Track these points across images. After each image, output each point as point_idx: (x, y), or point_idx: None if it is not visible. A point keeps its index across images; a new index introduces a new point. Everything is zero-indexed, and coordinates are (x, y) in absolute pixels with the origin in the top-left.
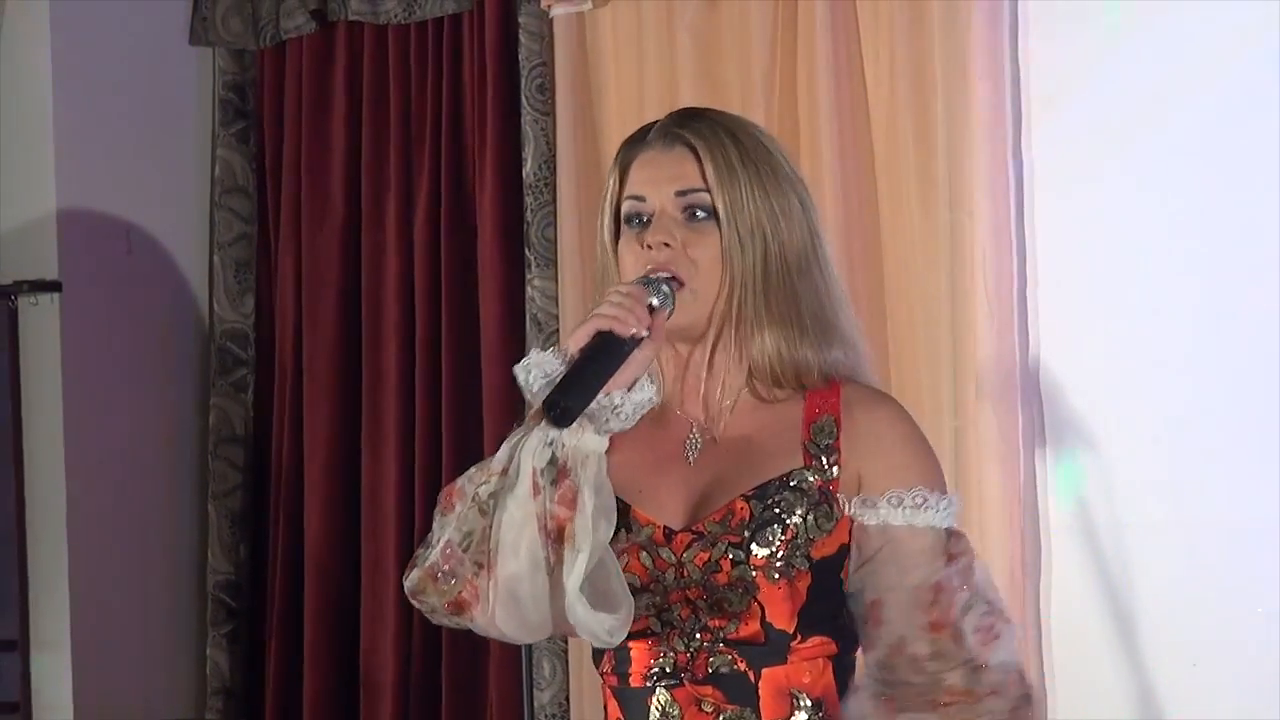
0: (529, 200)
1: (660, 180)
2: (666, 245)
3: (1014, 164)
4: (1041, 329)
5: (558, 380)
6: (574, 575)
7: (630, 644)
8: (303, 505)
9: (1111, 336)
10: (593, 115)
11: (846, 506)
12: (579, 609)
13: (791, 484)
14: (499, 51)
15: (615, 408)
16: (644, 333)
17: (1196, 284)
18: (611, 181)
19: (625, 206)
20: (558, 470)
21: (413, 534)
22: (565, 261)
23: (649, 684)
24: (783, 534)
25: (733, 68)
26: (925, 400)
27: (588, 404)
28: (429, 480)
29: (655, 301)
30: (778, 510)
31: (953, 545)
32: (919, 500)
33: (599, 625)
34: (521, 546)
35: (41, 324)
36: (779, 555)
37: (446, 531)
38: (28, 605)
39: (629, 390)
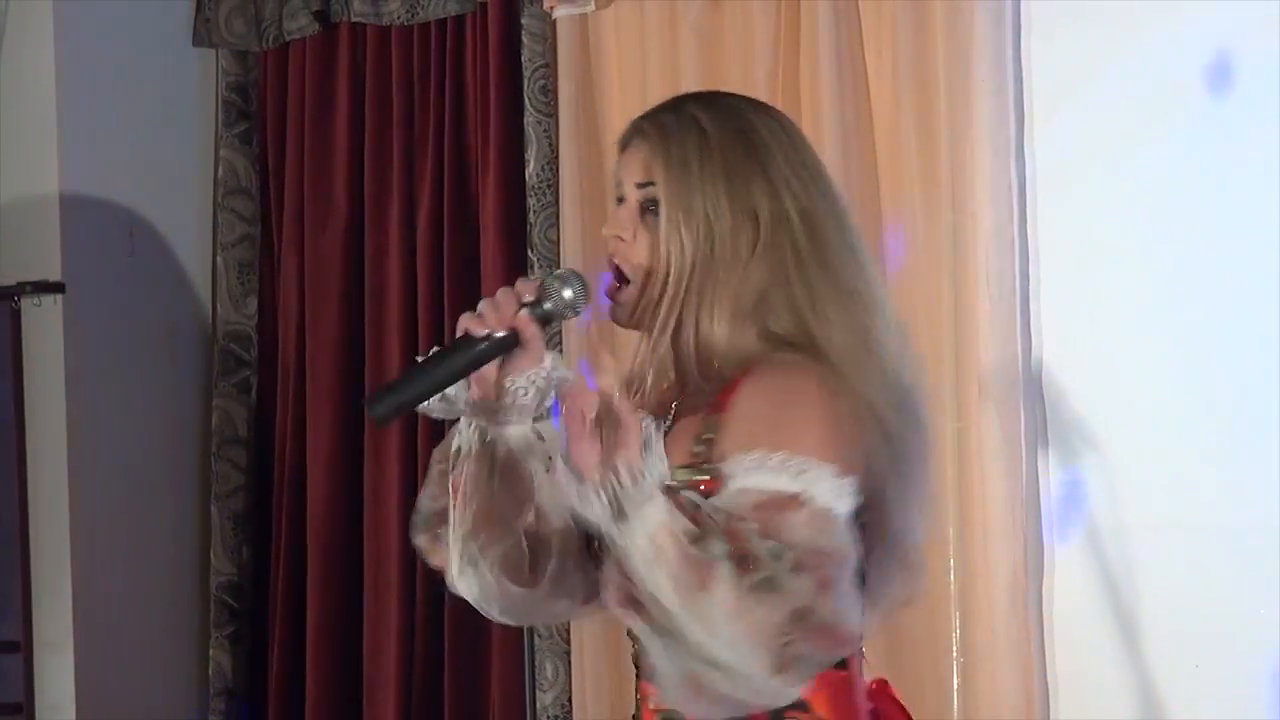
0: (531, 202)
1: (627, 173)
2: (619, 239)
3: (1016, 165)
4: (1044, 330)
5: (388, 383)
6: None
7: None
8: (305, 506)
9: (1114, 338)
10: (595, 117)
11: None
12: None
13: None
14: (502, 53)
15: (498, 407)
16: (500, 333)
17: (1198, 285)
18: (615, 163)
19: (617, 189)
20: (456, 457)
21: None
22: (567, 263)
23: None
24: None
25: (736, 69)
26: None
27: (406, 402)
28: None
29: (548, 304)
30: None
31: (785, 502)
32: (756, 461)
33: (502, 598)
34: (451, 533)
35: (44, 325)
36: None
37: (421, 499)
38: (31, 606)
39: (512, 387)
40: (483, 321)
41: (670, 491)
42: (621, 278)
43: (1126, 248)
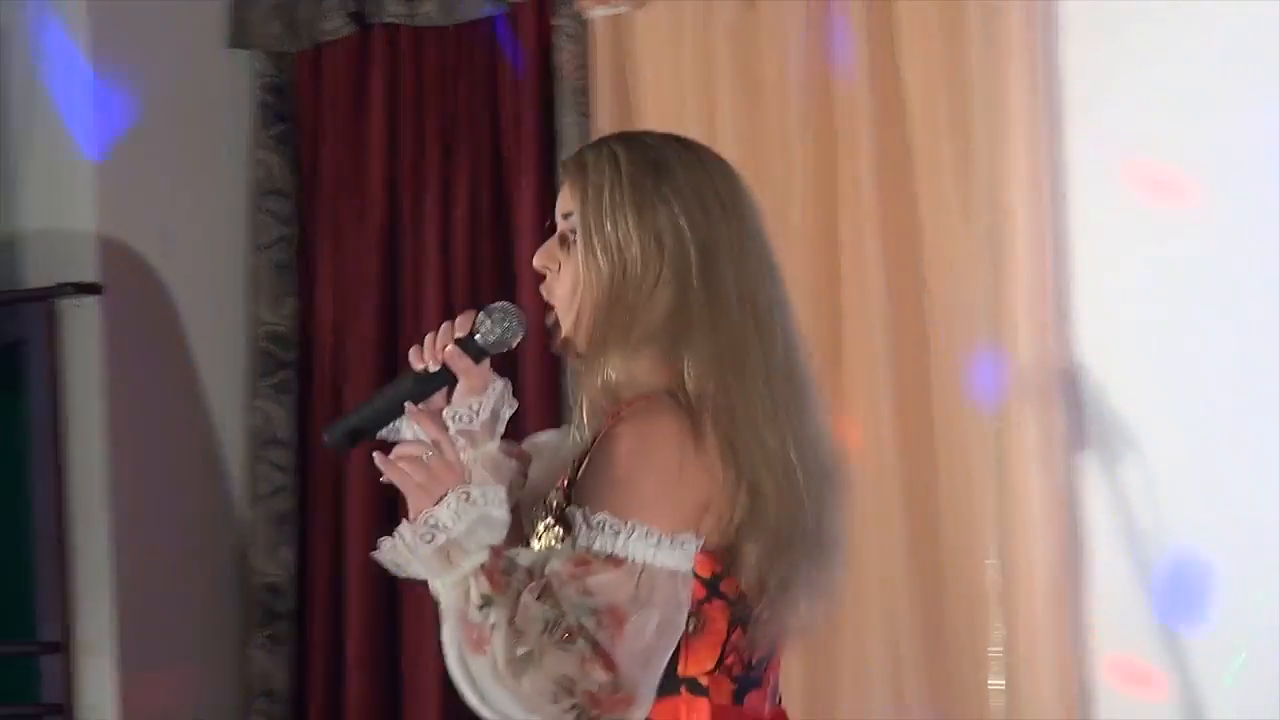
0: None
1: (558, 207)
2: (545, 268)
3: (1052, 166)
4: (1080, 331)
5: (344, 417)
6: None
7: None
8: (345, 507)
9: (1150, 338)
10: (631, 117)
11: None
12: None
13: (545, 501)
14: (536, 53)
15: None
16: (434, 366)
17: (1236, 283)
18: None
19: None
20: None
21: None
22: None
23: None
24: (534, 545)
25: (770, 69)
26: (964, 401)
27: (353, 440)
28: None
29: (480, 338)
30: (535, 525)
31: (592, 562)
32: (582, 523)
33: None
34: None
35: (82, 327)
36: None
37: None
38: (71, 608)
39: (454, 416)
40: (420, 356)
41: (492, 550)
42: (550, 310)
43: (1163, 246)
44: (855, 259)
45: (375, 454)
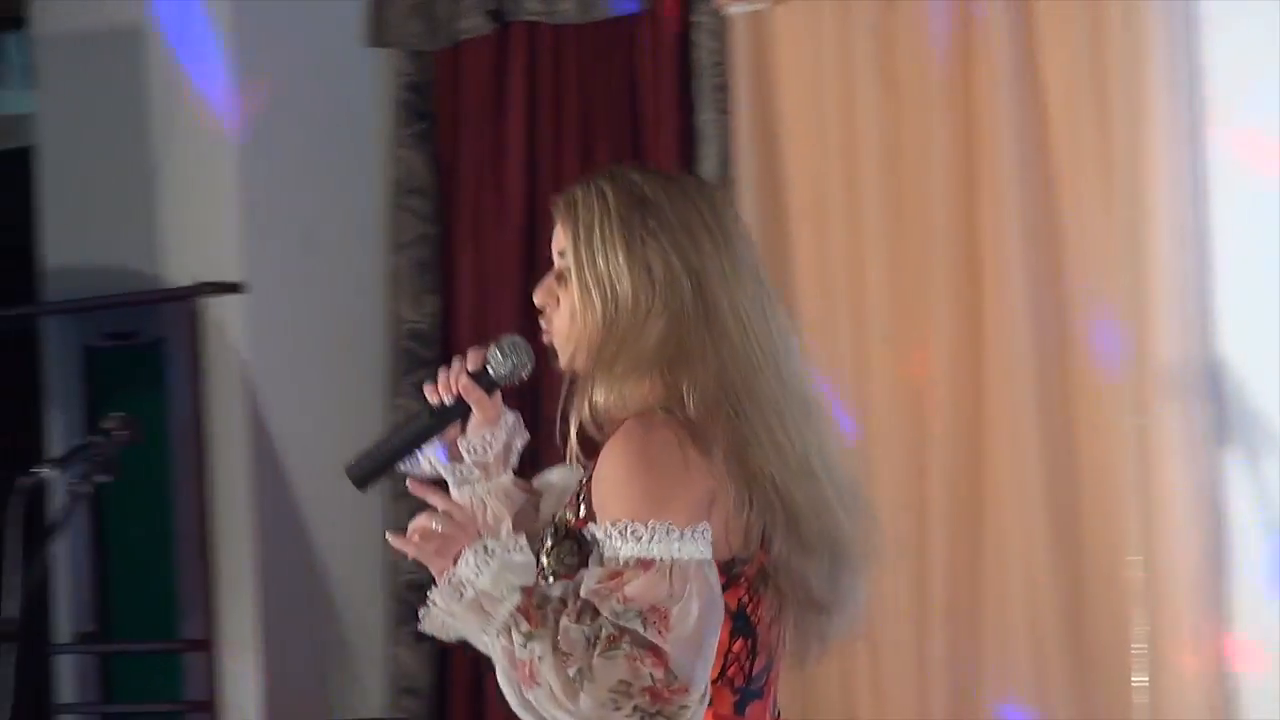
0: None
1: (554, 246)
2: (544, 304)
3: (1193, 162)
4: (1223, 327)
5: (364, 451)
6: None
7: None
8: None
9: None
10: (771, 114)
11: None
12: None
13: (554, 523)
14: (675, 50)
15: (459, 467)
16: (449, 400)
17: None
18: None
19: None
20: None
21: None
22: None
23: None
24: (539, 566)
25: (910, 67)
26: (1104, 398)
27: (376, 475)
28: None
29: (492, 371)
30: (540, 545)
31: (631, 573)
32: (605, 533)
33: None
34: None
35: (224, 326)
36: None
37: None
38: (216, 606)
39: (470, 449)
40: (435, 391)
41: (523, 591)
42: (552, 342)
43: None
44: (996, 257)
45: (390, 537)
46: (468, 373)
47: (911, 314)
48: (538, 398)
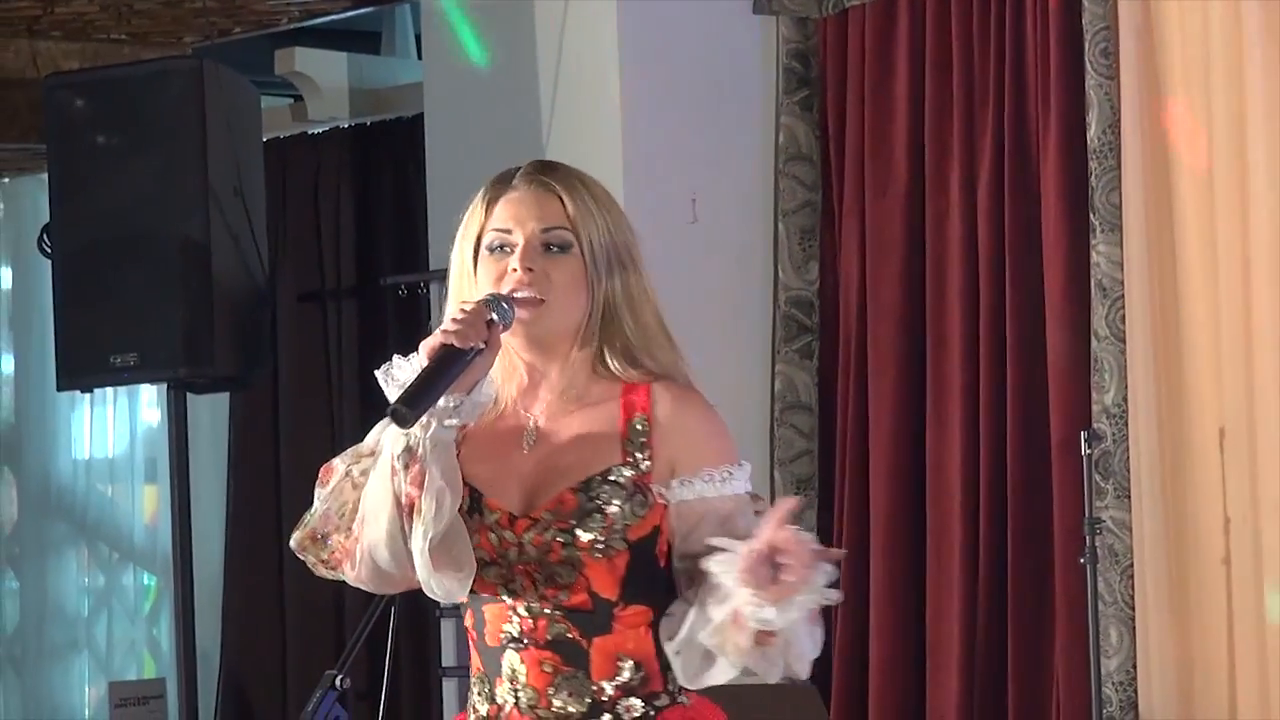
0: (1093, 165)
1: (526, 217)
2: (531, 270)
3: None
4: None
5: (405, 388)
6: (417, 541)
7: (485, 608)
8: (868, 471)
9: None
10: (1157, 79)
11: (661, 493)
12: (422, 569)
13: (610, 479)
14: (1062, 16)
15: (456, 406)
16: (481, 345)
17: None
18: (477, 213)
19: (489, 237)
20: (410, 456)
21: (978, 498)
22: (1130, 227)
23: (502, 644)
24: (603, 521)
25: None
26: None
27: (425, 410)
28: (993, 445)
29: (495, 317)
30: (599, 501)
31: (755, 503)
32: (726, 474)
33: (439, 584)
34: (382, 517)
35: None
36: (600, 539)
37: (325, 502)
38: None
39: (468, 392)
40: (465, 337)
41: None
42: (546, 306)
43: None
44: None
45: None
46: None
47: None
48: None
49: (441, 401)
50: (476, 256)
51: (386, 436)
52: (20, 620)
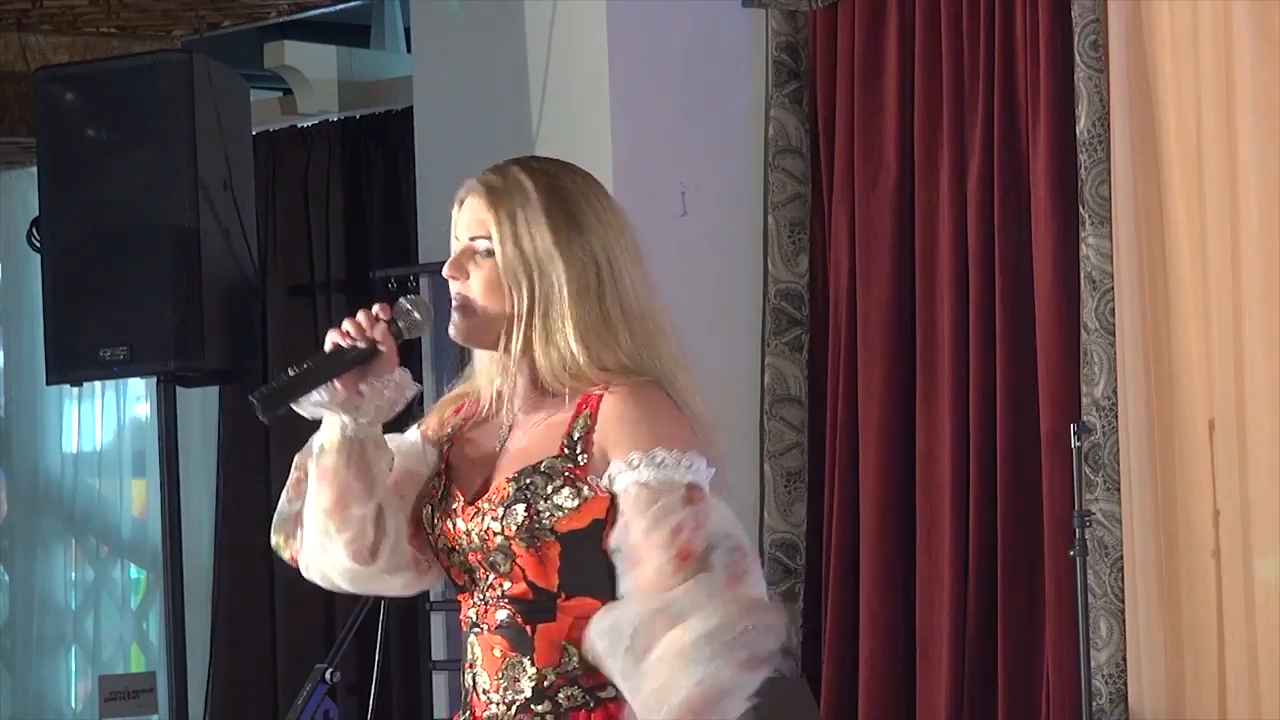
0: (1082, 158)
1: (462, 224)
2: (455, 277)
3: None
4: None
5: (272, 382)
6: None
7: (459, 596)
8: (858, 464)
9: None
10: (1147, 72)
11: (601, 484)
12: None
13: (541, 469)
14: (1051, 9)
15: (329, 401)
16: (362, 345)
17: None
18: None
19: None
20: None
21: (967, 491)
22: (1120, 219)
23: (467, 630)
24: (525, 511)
25: None
26: None
27: (283, 402)
28: (983, 438)
29: (394, 319)
30: (527, 492)
31: (690, 495)
32: (657, 459)
33: (322, 570)
34: (312, 515)
35: None
36: (524, 527)
37: (284, 499)
38: None
39: (360, 391)
40: (349, 336)
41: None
42: (467, 309)
43: None
44: None
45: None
46: (384, 320)
47: None
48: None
49: (316, 395)
50: None
51: (315, 437)
52: (9, 614)
